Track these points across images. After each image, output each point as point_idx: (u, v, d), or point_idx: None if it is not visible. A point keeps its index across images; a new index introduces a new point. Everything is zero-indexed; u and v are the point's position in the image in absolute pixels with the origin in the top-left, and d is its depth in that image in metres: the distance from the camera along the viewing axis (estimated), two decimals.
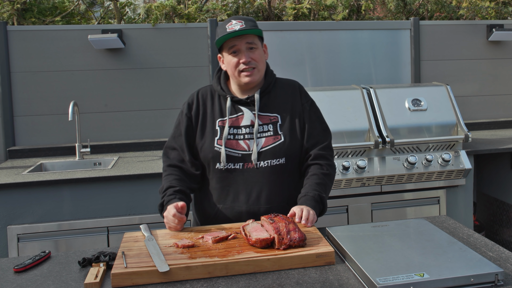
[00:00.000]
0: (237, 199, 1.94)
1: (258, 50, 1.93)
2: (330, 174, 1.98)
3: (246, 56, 1.89)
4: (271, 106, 1.98)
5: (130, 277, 1.43)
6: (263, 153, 1.92)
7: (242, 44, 1.90)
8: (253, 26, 1.90)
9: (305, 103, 2.02)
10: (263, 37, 1.98)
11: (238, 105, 1.97)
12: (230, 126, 1.94)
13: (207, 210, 2.00)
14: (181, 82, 3.95)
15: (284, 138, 1.94)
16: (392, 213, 3.35)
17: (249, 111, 1.96)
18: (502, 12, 4.68)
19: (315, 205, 1.86)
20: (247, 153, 1.92)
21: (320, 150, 1.99)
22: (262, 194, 1.93)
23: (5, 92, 3.69)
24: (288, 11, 4.33)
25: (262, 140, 1.93)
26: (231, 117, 1.95)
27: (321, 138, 2.01)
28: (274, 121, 1.96)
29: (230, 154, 1.92)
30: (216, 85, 2.01)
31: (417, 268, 1.38)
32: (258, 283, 1.42)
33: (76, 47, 3.80)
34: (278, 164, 1.93)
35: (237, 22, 1.89)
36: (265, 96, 1.98)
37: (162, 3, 4.12)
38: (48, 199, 2.98)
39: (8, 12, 4.02)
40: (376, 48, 4.21)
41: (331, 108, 3.28)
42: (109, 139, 3.89)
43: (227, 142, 1.92)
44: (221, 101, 2.00)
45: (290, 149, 1.95)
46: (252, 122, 1.94)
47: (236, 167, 1.92)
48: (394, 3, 4.66)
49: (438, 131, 3.38)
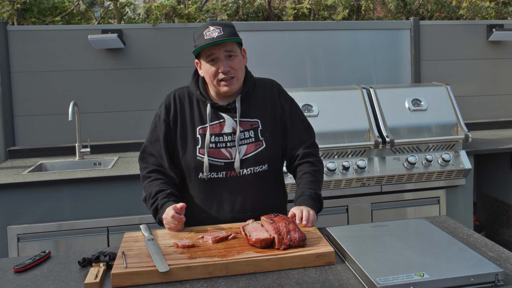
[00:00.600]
0: (221, 208, 1.91)
1: (237, 58, 1.87)
2: (320, 170, 1.98)
3: (225, 65, 1.83)
4: (251, 110, 1.94)
5: (130, 277, 1.43)
6: (246, 160, 1.89)
7: (220, 52, 1.83)
8: (232, 33, 1.83)
9: (284, 103, 1.99)
10: (242, 42, 1.92)
11: (218, 111, 1.92)
12: (212, 134, 1.89)
13: (190, 219, 1.91)
14: (181, 82, 3.92)
15: (266, 144, 1.92)
16: (392, 213, 3.35)
17: (230, 118, 1.91)
18: (502, 12, 4.69)
19: (313, 203, 1.86)
20: (230, 161, 1.89)
21: (306, 149, 1.97)
22: (247, 202, 1.90)
23: (5, 92, 3.69)
24: (288, 11, 4.33)
25: (244, 147, 1.89)
26: (212, 124, 1.90)
27: (305, 137, 1.99)
28: (254, 126, 1.92)
29: (213, 163, 1.88)
30: (195, 89, 1.94)
31: (417, 268, 1.38)
32: (258, 283, 1.42)
33: (76, 47, 3.80)
34: (261, 170, 1.91)
35: (215, 28, 1.82)
36: (245, 101, 1.94)
37: (162, 3, 4.12)
38: (48, 199, 2.98)
39: (8, 12, 4.02)
40: (376, 48, 4.21)
41: (331, 108, 3.29)
42: (109, 139, 3.89)
43: (209, 151, 1.88)
44: (200, 106, 1.94)
45: (272, 154, 1.93)
46: (233, 129, 1.90)
47: (219, 175, 1.89)
48: (394, 3, 4.66)
49: (438, 131, 3.38)
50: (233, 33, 1.84)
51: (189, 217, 1.91)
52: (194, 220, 1.93)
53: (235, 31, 1.87)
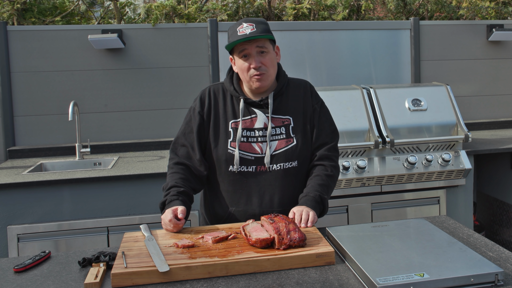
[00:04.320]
0: (250, 202, 1.93)
1: (269, 54, 1.90)
2: (333, 176, 1.98)
3: (257, 61, 1.87)
4: (284, 108, 1.97)
5: (130, 277, 1.43)
6: (276, 156, 1.92)
7: (252, 48, 1.87)
8: (264, 29, 1.87)
9: (315, 104, 2.02)
10: (275, 39, 1.96)
11: (251, 107, 1.95)
12: (244, 128, 1.93)
13: (219, 213, 1.99)
14: (181, 82, 3.95)
15: (297, 141, 1.94)
16: (392, 213, 3.35)
17: (262, 113, 1.95)
18: (502, 12, 4.69)
19: (315, 205, 1.86)
20: (260, 156, 1.92)
21: (325, 151, 1.99)
22: (275, 197, 1.93)
23: (5, 92, 3.69)
24: (288, 11, 4.33)
25: (275, 143, 1.93)
26: (244, 119, 1.94)
27: (328, 139, 2.02)
28: (286, 123, 1.96)
29: (244, 157, 1.91)
30: (229, 85, 1.99)
31: (417, 268, 1.38)
32: (258, 283, 1.42)
33: (76, 47, 3.80)
34: (290, 167, 1.93)
35: (248, 25, 1.86)
36: (277, 98, 1.97)
37: (162, 3, 4.12)
38: (48, 199, 2.98)
39: (8, 12, 4.02)
40: (376, 48, 4.21)
41: (331, 108, 3.24)
42: (109, 139, 3.89)
43: (240, 144, 1.91)
44: (234, 101, 1.97)
45: (302, 152, 1.95)
46: (265, 125, 1.93)
47: (249, 170, 1.92)
48: (394, 3, 4.66)
49: (438, 131, 3.38)
50: (266, 30, 1.88)
51: (219, 210, 1.98)
52: (223, 213, 1.97)
53: (269, 28, 1.91)
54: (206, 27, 3.96)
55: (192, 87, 3.92)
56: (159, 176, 3.05)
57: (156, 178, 3.06)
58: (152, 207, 3.08)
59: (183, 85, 3.94)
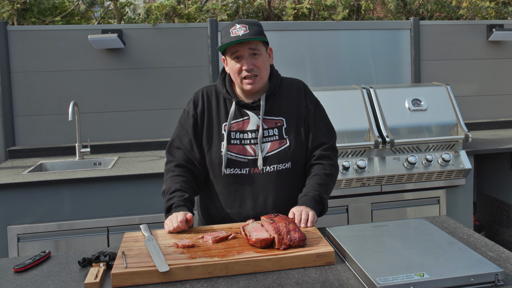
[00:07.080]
0: (244, 204, 1.93)
1: (262, 56, 1.89)
2: (332, 175, 1.98)
3: (249, 63, 1.86)
4: (276, 109, 1.96)
5: (130, 277, 1.43)
6: (269, 158, 1.91)
7: (245, 50, 1.86)
8: (257, 31, 1.86)
9: (309, 104, 2.00)
10: (268, 41, 1.94)
11: (243, 109, 1.95)
12: (236, 130, 1.92)
13: (214, 214, 1.99)
14: (181, 82, 3.95)
15: (290, 143, 1.93)
16: (392, 213, 3.35)
17: (255, 115, 1.94)
18: (502, 12, 4.69)
19: (314, 205, 1.86)
20: (254, 158, 1.91)
21: (324, 151, 1.98)
22: (269, 199, 1.92)
23: (5, 92, 3.69)
24: (288, 11, 4.33)
25: (267, 144, 1.92)
26: (237, 121, 1.93)
27: (326, 139, 2.01)
28: (279, 125, 1.95)
29: (237, 159, 1.91)
30: (222, 87, 1.98)
31: (417, 268, 1.38)
32: (258, 283, 1.42)
33: (76, 47, 3.80)
34: (284, 168, 1.93)
35: (241, 26, 1.84)
36: (270, 100, 1.96)
37: (162, 3, 4.12)
38: (48, 199, 2.98)
39: (8, 12, 4.02)
40: (376, 48, 4.21)
41: (331, 108, 3.28)
42: (109, 139, 3.89)
43: (233, 147, 1.91)
44: (227, 103, 1.97)
45: (295, 153, 1.94)
46: (258, 127, 1.93)
47: (243, 172, 1.91)
48: (394, 3, 4.66)
49: (438, 131, 3.38)
50: (258, 32, 1.87)
51: (213, 212, 1.98)
52: (218, 215, 1.97)
53: (262, 30, 1.90)
54: (206, 27, 3.96)
55: (192, 87, 3.92)
56: (159, 176, 3.05)
57: (156, 178, 3.06)
58: (152, 207, 3.07)
59: (183, 85, 3.94)
